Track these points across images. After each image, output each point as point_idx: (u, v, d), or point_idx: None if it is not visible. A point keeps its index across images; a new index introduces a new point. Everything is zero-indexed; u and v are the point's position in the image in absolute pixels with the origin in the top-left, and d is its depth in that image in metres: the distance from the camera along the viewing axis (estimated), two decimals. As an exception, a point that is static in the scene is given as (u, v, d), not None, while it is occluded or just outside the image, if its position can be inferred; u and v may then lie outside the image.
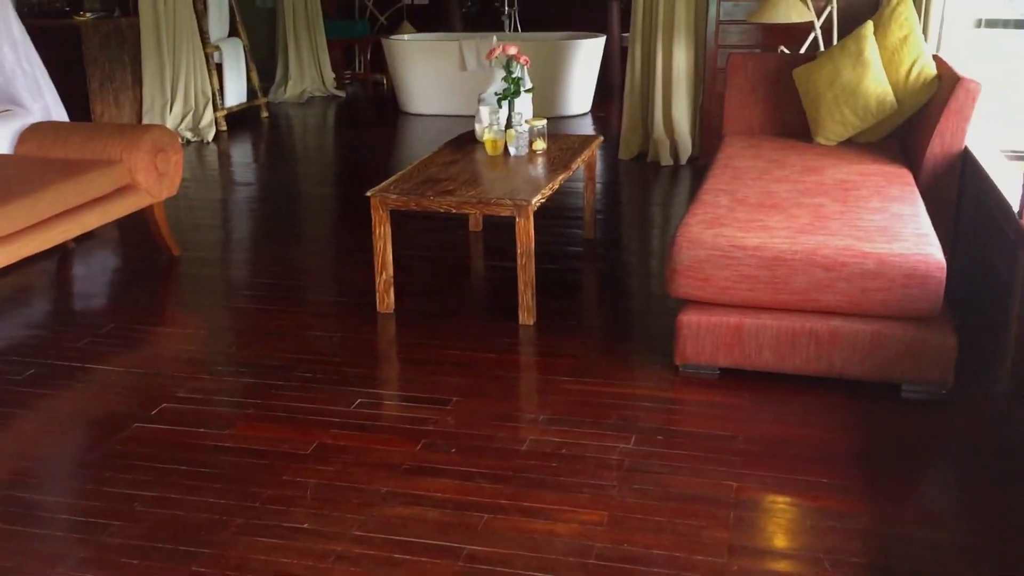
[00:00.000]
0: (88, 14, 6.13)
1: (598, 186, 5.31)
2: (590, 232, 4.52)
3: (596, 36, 7.74)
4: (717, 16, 5.70)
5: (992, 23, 5.29)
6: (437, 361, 3.25)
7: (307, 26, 8.47)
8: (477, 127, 4.26)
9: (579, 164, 4.04)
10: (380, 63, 8.71)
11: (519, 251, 3.44)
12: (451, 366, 3.20)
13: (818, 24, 5.21)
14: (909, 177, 3.72)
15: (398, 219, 3.58)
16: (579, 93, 7.64)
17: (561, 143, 4.31)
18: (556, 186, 3.69)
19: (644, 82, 6.04)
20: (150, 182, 4.09)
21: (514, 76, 4.10)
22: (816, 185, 3.59)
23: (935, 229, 3.12)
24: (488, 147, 4.07)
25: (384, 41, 7.89)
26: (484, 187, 3.59)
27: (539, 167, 3.93)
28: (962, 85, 3.70)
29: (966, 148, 3.78)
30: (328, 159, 6.89)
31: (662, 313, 3.60)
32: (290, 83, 8.42)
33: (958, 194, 3.81)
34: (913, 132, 4.15)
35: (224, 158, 6.54)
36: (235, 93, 7.31)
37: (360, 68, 9.35)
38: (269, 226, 5.00)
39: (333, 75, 8.81)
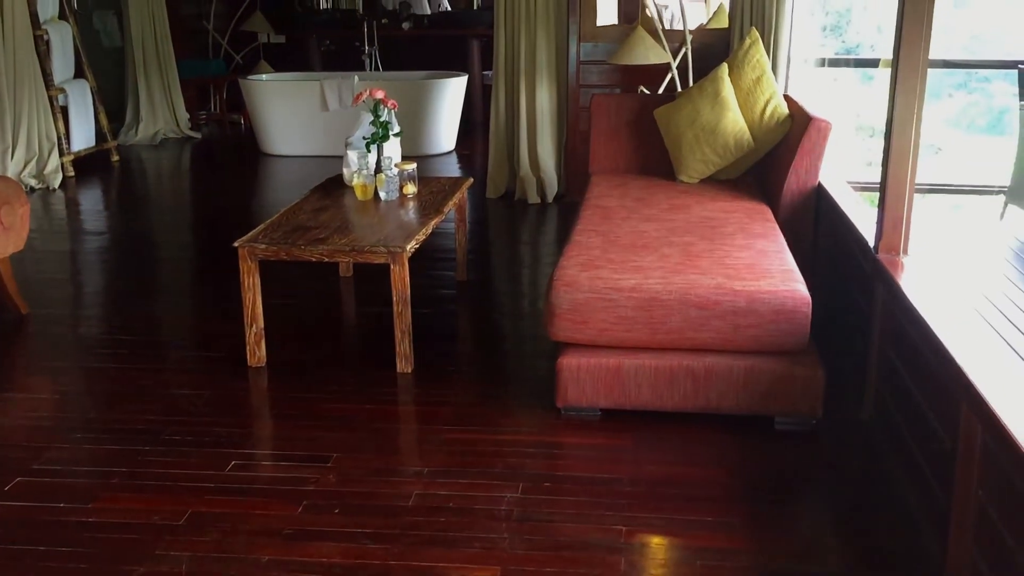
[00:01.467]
0: (-83, 56, 5.74)
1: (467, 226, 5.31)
2: (462, 274, 4.50)
3: (458, 75, 7.78)
4: (578, 57, 5.82)
5: (834, 62, 5.61)
6: (314, 416, 3.14)
7: (158, 65, 8.19)
8: (345, 171, 4.19)
9: (451, 207, 4.03)
10: (237, 103, 8.50)
11: (395, 298, 3.39)
12: (329, 420, 3.10)
13: (674, 65, 5.39)
14: (769, 213, 3.87)
15: (264, 265, 3.45)
16: (444, 131, 7.65)
17: (432, 186, 4.28)
18: (429, 230, 3.66)
19: (509, 120, 6.09)
20: (-7, 237, 3.83)
21: (382, 120, 4.06)
22: (683, 223, 3.68)
23: (796, 263, 3.24)
24: (358, 192, 4.00)
25: (241, 81, 7.69)
26: (356, 234, 3.52)
27: (411, 211, 3.89)
28: (814, 125, 3.88)
29: (820, 184, 3.96)
30: (185, 204, 6.63)
31: (539, 355, 3.60)
32: (142, 125, 8.11)
33: (814, 228, 3.99)
34: (770, 168, 4.33)
35: (72, 206, 6.22)
36: (83, 137, 6.98)
37: (216, 108, 9.10)
38: (125, 278, 4.76)
39: (188, 116, 8.54)
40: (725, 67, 4.38)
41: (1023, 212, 4.60)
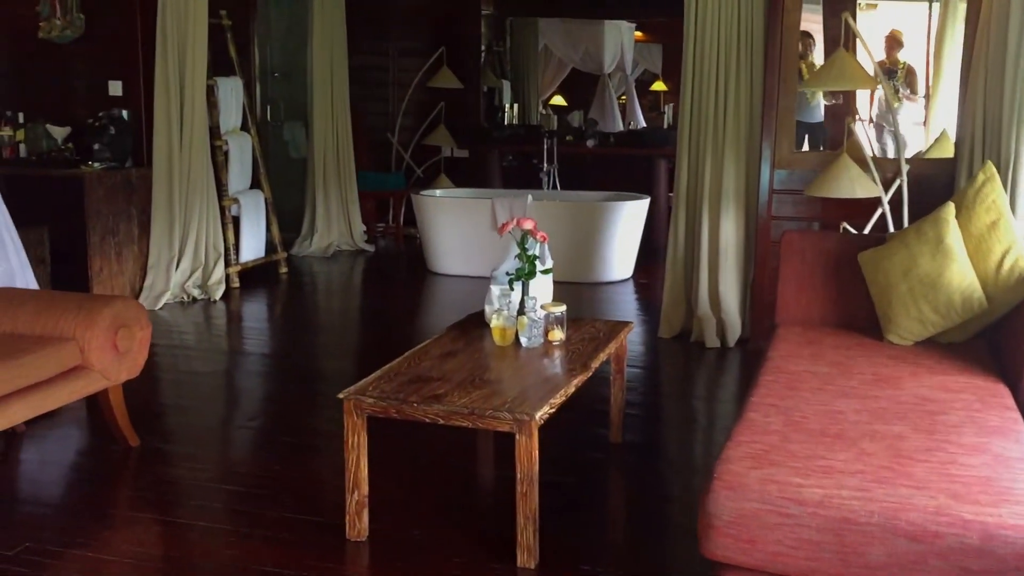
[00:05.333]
0: (96, 164, 5.79)
1: (633, 371, 4.67)
2: (617, 435, 3.84)
3: (639, 198, 7.24)
4: (771, 184, 5.14)
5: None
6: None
7: (338, 177, 8.14)
8: (487, 309, 3.67)
9: (602, 360, 3.41)
10: (414, 216, 8.30)
11: (519, 476, 2.78)
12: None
13: (886, 199, 4.62)
14: (1008, 397, 3.01)
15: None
16: (621, 258, 7.09)
17: (585, 330, 3.69)
18: (571, 390, 3.05)
19: (688, 253, 5.46)
20: (105, 363, 3.54)
21: (529, 253, 3.53)
22: (892, 403, 2.90)
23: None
24: (496, 336, 3.46)
25: (413, 196, 7.48)
26: (481, 392, 2.95)
27: (555, 363, 3.31)
28: (1071, 287, 3.03)
29: (1079, 362, 3.08)
30: (347, 323, 6.33)
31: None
32: (316, 236, 8.03)
33: (1071, 421, 3.08)
34: (1008, 333, 3.46)
35: (230, 320, 6.05)
36: (252, 247, 6.89)
37: (392, 222, 8.97)
38: (256, 407, 4.40)
39: (364, 228, 8.42)
40: (951, 207, 3.59)
41: None
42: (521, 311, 3.46)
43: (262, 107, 8.67)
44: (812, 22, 6.77)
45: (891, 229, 4.58)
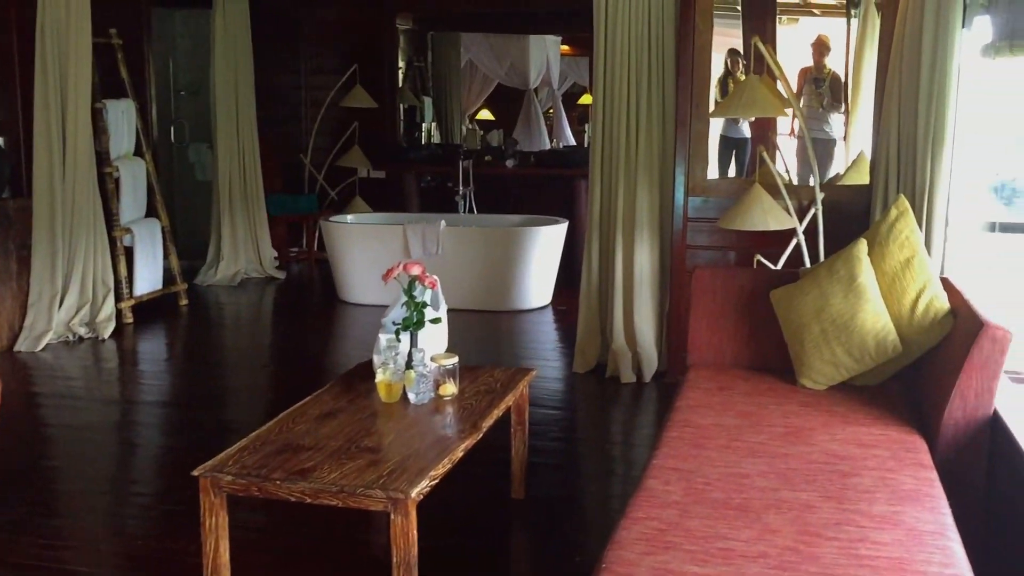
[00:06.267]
0: (-31, 197, 5.37)
1: (542, 413, 4.42)
2: (519, 491, 3.58)
3: (557, 222, 7.01)
4: (684, 212, 4.93)
5: (1008, 227, 4.54)
6: None
7: (245, 201, 7.76)
8: (375, 359, 3.39)
9: (497, 417, 3.15)
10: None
11: (395, 560, 2.49)
12: None
13: (800, 229, 4.44)
14: (923, 452, 2.82)
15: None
16: (538, 284, 6.85)
17: (481, 381, 3.42)
18: (458, 457, 2.78)
19: (603, 282, 5.23)
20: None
21: (417, 301, 3.26)
22: (802, 463, 2.69)
23: (957, 526, 2.23)
24: (381, 392, 3.18)
25: (322, 223, 7.15)
26: (356, 464, 2.66)
27: (444, 423, 3.04)
28: (987, 334, 2.85)
29: (996, 413, 2.90)
30: (249, 362, 5.85)
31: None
32: (222, 263, 7.63)
33: (987, 477, 2.90)
34: (923, 375, 3.29)
35: (122, 361, 5.65)
36: (148, 279, 6.49)
37: (306, 246, 8.61)
38: (143, 470, 4.04)
39: (275, 254, 8.06)
40: (863, 244, 3.41)
41: None
42: (409, 364, 3.18)
43: (166, 127, 8.26)
44: (735, 36, 6.63)
45: (806, 261, 4.40)
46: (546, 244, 6.82)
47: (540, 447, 3.98)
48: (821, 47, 6.61)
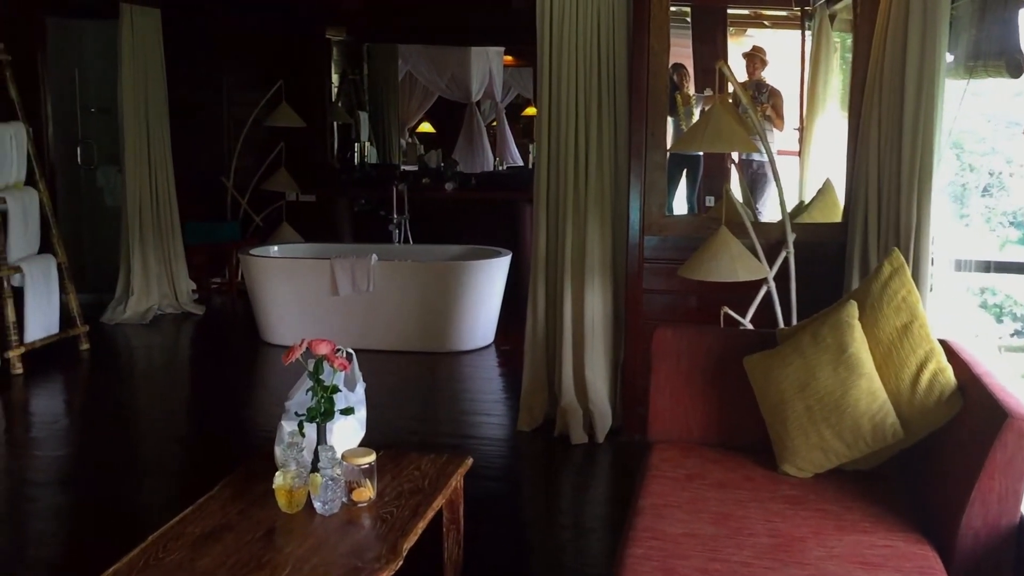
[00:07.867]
0: None
1: (482, 485, 3.87)
2: (453, 603, 3.01)
3: (500, 254, 6.46)
4: (640, 252, 4.41)
5: (1003, 267, 4.10)
6: None
7: (158, 229, 7.08)
8: (277, 451, 2.80)
9: (421, 531, 2.58)
10: (250, 273, 7.31)
11: None
12: None
13: (771, 276, 3.94)
14: (938, 571, 2.32)
15: None
16: (480, 323, 6.28)
17: (405, 476, 2.85)
18: (371, 594, 2.21)
19: (550, 331, 4.69)
20: None
21: (325, 385, 2.68)
22: (796, 596, 2.17)
23: None
24: (281, 500, 2.59)
25: (241, 257, 6.50)
26: (237, 616, 2.08)
27: (356, 543, 2.46)
28: (1012, 428, 2.36)
29: (1023, 521, 2.41)
30: (157, 421, 5.07)
31: None
32: (132, 299, 6.93)
33: (1020, 603, 2.41)
34: (928, 470, 2.80)
35: (8, 422, 4.95)
36: (41, 323, 5.78)
37: (228, 277, 7.94)
38: None
39: (193, 286, 7.39)
40: (853, 307, 2.91)
41: None
42: (315, 467, 2.60)
43: (71, 149, 7.54)
44: (682, 47, 6.13)
45: (778, 312, 3.91)
46: (488, 279, 6.26)
47: (478, 533, 3.40)
48: (754, 59, 5.91)
